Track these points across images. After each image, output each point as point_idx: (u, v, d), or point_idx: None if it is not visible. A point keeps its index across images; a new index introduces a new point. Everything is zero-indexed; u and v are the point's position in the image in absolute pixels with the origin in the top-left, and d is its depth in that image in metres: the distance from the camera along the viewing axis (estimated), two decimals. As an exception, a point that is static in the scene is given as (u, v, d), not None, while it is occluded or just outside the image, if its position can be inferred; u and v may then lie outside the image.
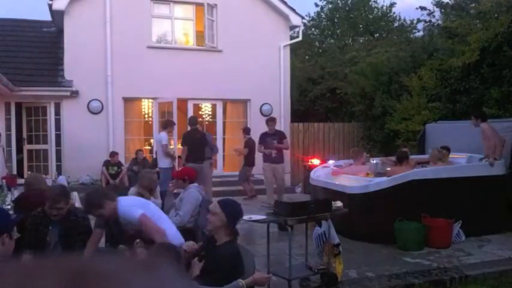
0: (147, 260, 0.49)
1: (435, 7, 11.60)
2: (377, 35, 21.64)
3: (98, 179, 10.49)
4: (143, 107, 12.74)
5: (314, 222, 4.84)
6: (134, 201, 4.01)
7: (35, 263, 0.43)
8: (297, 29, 12.98)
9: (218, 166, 12.02)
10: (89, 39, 10.85)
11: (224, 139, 12.43)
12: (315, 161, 11.06)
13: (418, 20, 19.20)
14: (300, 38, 13.04)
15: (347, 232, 5.92)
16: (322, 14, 23.34)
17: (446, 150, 7.51)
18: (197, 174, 8.22)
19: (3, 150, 9.53)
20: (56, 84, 11.01)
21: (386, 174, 7.11)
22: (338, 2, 22.81)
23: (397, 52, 12.56)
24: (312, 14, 23.36)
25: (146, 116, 12.70)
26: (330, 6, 23.02)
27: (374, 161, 8.41)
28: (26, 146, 11.34)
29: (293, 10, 12.53)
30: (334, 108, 14.93)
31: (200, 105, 12.94)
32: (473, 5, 10.98)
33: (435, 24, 12.01)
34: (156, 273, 0.46)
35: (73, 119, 10.88)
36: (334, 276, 4.53)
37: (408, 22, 22.22)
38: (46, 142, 11.14)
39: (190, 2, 11.99)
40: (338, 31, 22.87)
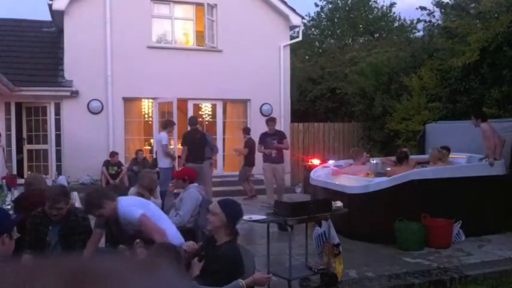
0: (147, 260, 0.49)
1: (435, 7, 11.58)
2: (377, 35, 21.64)
3: (98, 179, 10.50)
4: (143, 107, 12.74)
5: (314, 222, 4.84)
6: (134, 201, 4.02)
7: (35, 263, 0.43)
8: (297, 29, 12.98)
9: (218, 166, 12.02)
10: (89, 39, 10.85)
11: (224, 139, 12.44)
12: (315, 161, 11.06)
13: (418, 20, 19.22)
14: (300, 38, 13.05)
15: (347, 232, 5.93)
16: (322, 14, 23.35)
17: (446, 150, 7.51)
18: (197, 174, 8.25)
19: (3, 150, 9.53)
20: (56, 84, 11.01)
21: (386, 174, 7.12)
22: (338, 2, 22.82)
23: (397, 52, 12.55)
24: (312, 14, 23.41)
25: (146, 116, 12.70)
26: (330, 6, 23.03)
27: (374, 161, 8.42)
28: (26, 146, 11.35)
29: (293, 10, 12.53)
30: (334, 108, 14.92)
31: (200, 105, 12.95)
32: (473, 5, 10.97)
33: (435, 24, 12.00)
34: (156, 273, 0.46)
35: (73, 119, 10.89)
36: (334, 276, 4.53)
37: (408, 22, 22.26)
38: (46, 142, 11.15)
39: (190, 2, 12.00)
40: (338, 31, 22.88)
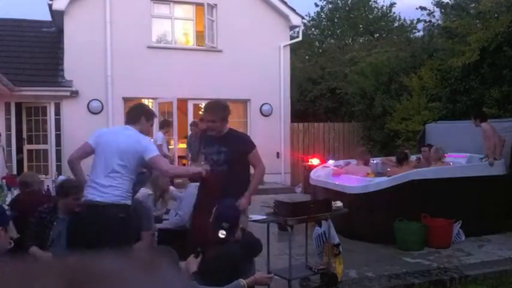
0: (147, 260, 0.49)
1: (435, 7, 11.57)
2: (377, 35, 21.64)
3: (98, 179, 10.48)
4: (143, 107, 12.73)
5: (314, 222, 4.84)
6: None
7: (36, 263, 0.43)
8: (297, 29, 12.98)
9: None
10: (89, 39, 10.85)
11: (224, 139, 12.43)
12: (315, 161, 11.05)
13: (418, 20, 19.23)
14: (300, 38, 13.05)
15: (347, 232, 5.92)
16: (322, 14, 23.34)
17: (429, 147, 7.68)
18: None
19: (3, 150, 9.51)
20: (56, 84, 11.01)
21: (386, 174, 7.12)
22: (338, 2, 22.82)
23: (397, 52, 12.54)
24: (312, 14, 23.40)
25: (146, 116, 12.70)
26: (330, 6, 23.03)
27: (374, 161, 8.42)
28: (26, 146, 11.34)
29: (293, 10, 12.53)
30: (334, 108, 14.92)
31: (200, 105, 12.91)
32: (473, 5, 10.96)
33: (435, 24, 11.99)
34: (156, 273, 0.46)
35: (73, 119, 10.89)
36: (334, 276, 4.53)
37: (408, 22, 22.25)
38: (46, 142, 11.14)
39: (190, 2, 12.00)
40: (338, 31, 22.88)
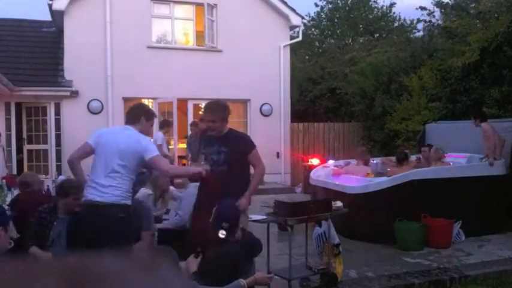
0: (147, 260, 0.49)
1: (435, 7, 11.57)
2: (377, 35, 21.64)
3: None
4: (143, 107, 12.73)
5: (314, 222, 4.84)
6: None
7: (36, 263, 0.43)
8: (297, 29, 12.98)
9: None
10: (89, 39, 10.84)
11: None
12: (315, 161, 11.04)
13: (418, 20, 19.22)
14: (300, 38, 13.05)
15: (347, 232, 5.92)
16: (322, 14, 23.34)
17: (429, 147, 7.67)
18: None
19: (3, 150, 9.51)
20: (56, 84, 11.01)
21: (386, 174, 7.12)
22: (338, 2, 22.82)
23: (397, 52, 12.54)
24: (312, 14, 23.40)
25: (146, 116, 12.70)
26: (330, 6, 23.02)
27: (374, 161, 8.42)
28: (26, 146, 11.34)
29: (293, 10, 12.53)
30: (334, 108, 14.92)
31: (200, 105, 12.91)
32: (473, 5, 10.96)
33: (435, 24, 11.99)
34: (156, 273, 0.46)
35: (73, 119, 10.88)
36: (334, 276, 4.52)
37: (408, 22, 22.25)
38: (46, 142, 11.14)
39: (190, 2, 12.00)
40: (338, 31, 22.88)
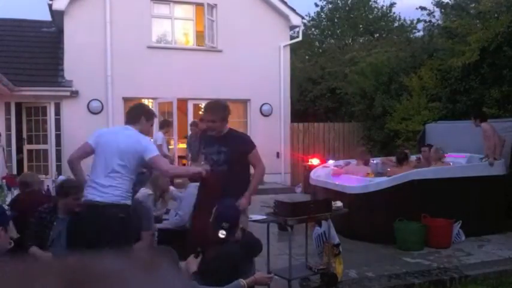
0: (147, 260, 0.49)
1: (435, 7, 11.57)
2: (377, 35, 21.63)
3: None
4: (143, 107, 12.72)
5: (314, 222, 4.84)
6: None
7: (36, 263, 0.43)
8: (297, 29, 12.98)
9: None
10: (89, 39, 10.84)
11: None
12: (315, 161, 11.04)
13: (418, 20, 19.22)
14: (300, 38, 13.05)
15: (347, 232, 5.92)
16: (322, 14, 23.34)
17: (429, 147, 7.69)
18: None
19: (3, 150, 9.51)
20: (56, 84, 11.01)
21: (386, 174, 7.12)
22: (338, 2, 22.81)
23: (397, 52, 12.54)
24: (312, 14, 23.39)
25: (146, 116, 12.69)
26: (330, 6, 23.02)
27: (374, 161, 8.42)
28: (26, 146, 11.34)
29: (293, 10, 12.53)
30: (334, 108, 14.92)
31: (200, 105, 12.90)
32: (473, 5, 10.96)
33: (435, 24, 11.99)
34: (156, 273, 0.46)
35: (73, 119, 10.88)
36: (334, 276, 4.52)
37: (408, 22, 22.24)
38: (46, 142, 11.14)
39: (190, 2, 12.00)
40: (338, 31, 22.87)
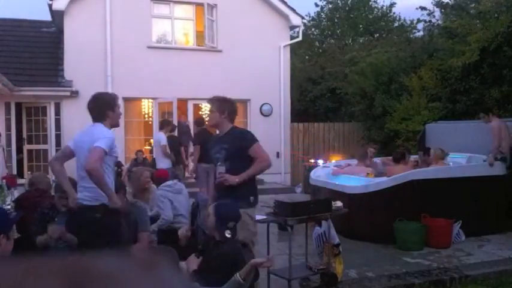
0: (147, 260, 0.49)
1: (435, 7, 11.59)
2: (377, 35, 21.63)
3: (98, 179, 10.47)
4: (143, 107, 12.73)
5: (314, 222, 4.84)
6: None
7: (37, 262, 0.43)
8: (297, 29, 12.98)
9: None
10: (89, 39, 10.84)
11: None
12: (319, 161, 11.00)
13: (418, 20, 19.22)
14: (300, 38, 13.05)
15: (347, 232, 5.92)
16: (322, 14, 23.34)
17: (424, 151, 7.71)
18: (209, 174, 8.15)
19: (3, 150, 9.52)
20: (56, 84, 11.01)
21: (385, 174, 7.12)
22: (338, 2, 22.81)
23: (397, 52, 12.55)
24: (312, 14, 23.40)
25: (146, 116, 12.69)
26: (330, 6, 23.02)
27: (374, 161, 8.42)
28: (26, 146, 11.35)
29: (293, 10, 12.53)
30: (334, 108, 14.92)
31: (200, 105, 12.93)
32: (473, 5, 10.97)
33: (435, 24, 12.01)
34: (156, 272, 0.46)
35: (73, 119, 10.86)
36: (334, 276, 4.52)
37: (408, 22, 22.25)
38: (46, 142, 11.14)
39: (190, 2, 12.00)
40: (338, 31, 22.88)
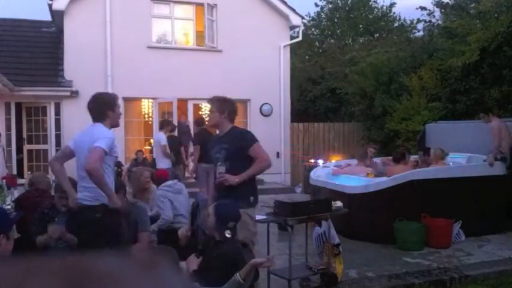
0: (147, 260, 0.49)
1: (435, 7, 11.60)
2: (377, 35, 21.63)
3: (98, 179, 10.48)
4: (143, 107, 12.72)
5: (314, 222, 4.84)
6: None
7: (37, 262, 0.43)
8: (297, 29, 12.98)
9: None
10: (89, 39, 10.84)
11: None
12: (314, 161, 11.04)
13: (418, 20, 19.23)
14: (300, 38, 13.05)
15: (347, 232, 5.92)
16: (322, 14, 23.34)
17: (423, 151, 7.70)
18: (209, 174, 8.16)
19: (3, 150, 9.52)
20: (56, 84, 11.01)
21: (385, 174, 7.12)
22: (338, 2, 22.81)
23: (397, 52, 12.55)
24: (312, 14, 23.39)
25: (146, 116, 12.69)
26: (330, 6, 23.02)
27: (374, 161, 8.42)
28: (26, 146, 11.34)
29: (293, 10, 12.53)
30: (334, 108, 14.93)
31: (200, 105, 12.93)
32: (473, 5, 10.97)
33: (435, 24, 12.02)
34: (157, 272, 0.46)
35: (73, 119, 10.86)
36: (334, 276, 4.52)
37: (408, 22, 22.25)
38: (46, 142, 11.14)
39: (190, 2, 11.99)
40: (338, 31, 22.87)
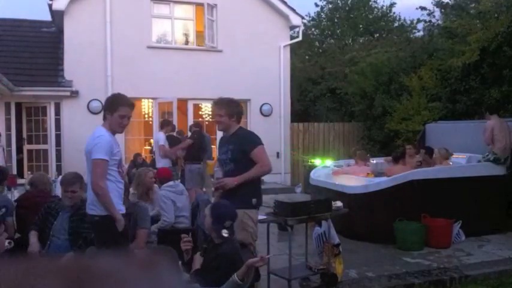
0: (147, 260, 0.49)
1: (435, 7, 11.58)
2: (377, 35, 21.62)
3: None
4: (143, 107, 12.72)
5: (314, 222, 4.84)
6: None
7: (38, 262, 0.44)
8: (297, 29, 12.98)
9: (218, 166, 12.03)
10: (89, 39, 10.85)
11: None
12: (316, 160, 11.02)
13: (418, 20, 19.21)
14: (300, 38, 13.05)
15: (347, 232, 5.92)
16: (322, 14, 23.33)
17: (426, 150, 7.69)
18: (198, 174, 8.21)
19: (3, 150, 9.52)
20: (56, 84, 11.01)
21: (385, 174, 7.13)
22: (338, 2, 22.80)
23: (397, 52, 12.55)
24: (312, 14, 23.37)
25: (146, 116, 12.70)
26: (330, 6, 23.01)
27: (374, 161, 8.43)
28: (26, 146, 11.35)
29: (293, 10, 12.53)
30: (334, 108, 14.92)
31: (200, 105, 12.94)
32: (473, 5, 10.96)
33: (435, 24, 12.01)
34: (156, 272, 0.46)
35: (73, 119, 10.88)
36: (334, 276, 4.52)
37: (408, 22, 22.23)
38: (46, 142, 11.15)
39: (190, 2, 12.00)
40: (338, 31, 22.86)
